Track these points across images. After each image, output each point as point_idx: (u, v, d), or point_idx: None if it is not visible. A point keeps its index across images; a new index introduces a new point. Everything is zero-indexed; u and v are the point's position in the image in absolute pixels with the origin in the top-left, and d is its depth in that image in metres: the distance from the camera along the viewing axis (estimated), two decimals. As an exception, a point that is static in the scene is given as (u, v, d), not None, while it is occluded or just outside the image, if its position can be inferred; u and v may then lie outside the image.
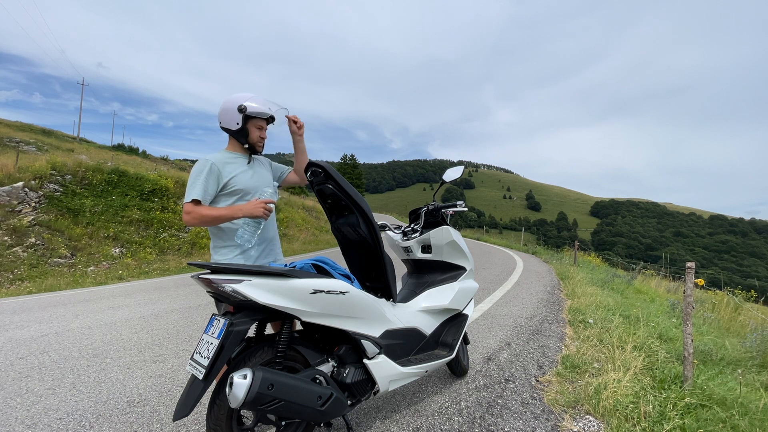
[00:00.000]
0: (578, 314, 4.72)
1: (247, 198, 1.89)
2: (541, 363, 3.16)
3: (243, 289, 1.44)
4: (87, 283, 7.07)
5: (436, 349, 2.33)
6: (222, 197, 1.86)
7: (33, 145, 19.16)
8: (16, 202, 9.41)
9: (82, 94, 36.46)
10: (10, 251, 8.06)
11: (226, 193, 1.86)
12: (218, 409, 1.50)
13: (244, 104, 1.84)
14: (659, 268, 12.07)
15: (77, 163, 12.04)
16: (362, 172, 49.51)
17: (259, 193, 1.90)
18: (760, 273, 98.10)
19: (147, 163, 22.48)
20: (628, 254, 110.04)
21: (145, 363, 3.00)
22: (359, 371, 1.80)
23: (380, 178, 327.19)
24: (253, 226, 1.84)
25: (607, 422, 2.23)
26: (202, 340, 1.52)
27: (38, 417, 2.19)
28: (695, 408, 2.29)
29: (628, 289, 7.60)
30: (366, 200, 1.92)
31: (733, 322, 5.72)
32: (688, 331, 2.66)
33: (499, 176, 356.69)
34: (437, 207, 2.49)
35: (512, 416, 2.30)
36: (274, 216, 2.03)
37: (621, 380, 2.57)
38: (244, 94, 1.87)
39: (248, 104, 1.85)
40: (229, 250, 1.87)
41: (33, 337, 3.60)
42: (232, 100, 1.86)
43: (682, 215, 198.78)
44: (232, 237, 1.87)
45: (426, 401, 2.44)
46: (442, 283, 2.45)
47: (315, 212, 22.72)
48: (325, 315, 1.66)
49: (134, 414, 2.22)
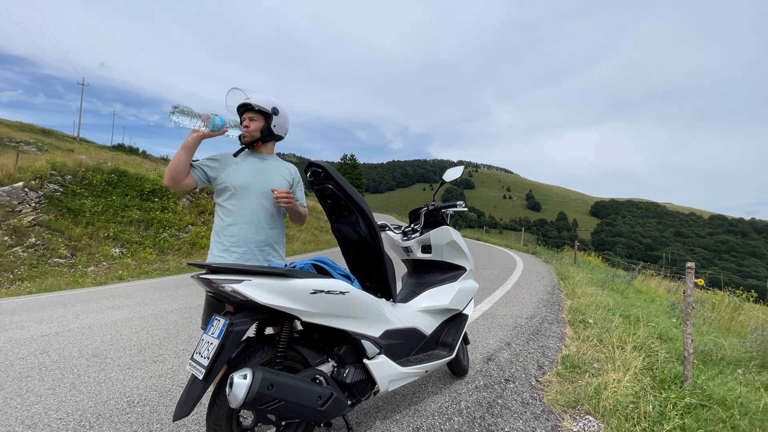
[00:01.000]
0: (578, 314, 4.72)
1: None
2: (541, 363, 3.16)
3: (243, 289, 1.44)
4: (87, 283, 7.07)
5: (436, 349, 2.33)
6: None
7: (33, 145, 19.17)
8: (16, 202, 9.41)
9: (82, 94, 36.47)
10: (10, 251, 8.06)
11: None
12: (218, 409, 1.50)
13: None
14: (659, 268, 12.07)
15: (77, 163, 12.04)
16: (362, 172, 49.50)
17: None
18: (760, 273, 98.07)
19: (147, 163, 22.48)
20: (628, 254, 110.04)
21: (145, 363, 3.00)
22: (359, 371, 1.80)
23: (380, 178, 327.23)
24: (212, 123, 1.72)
25: (607, 422, 2.23)
26: (202, 340, 1.52)
27: (38, 417, 2.18)
28: (695, 408, 2.29)
29: (628, 289, 7.60)
30: (366, 200, 1.92)
31: (733, 322, 5.72)
32: (688, 331, 2.66)
33: (499, 176, 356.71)
34: (437, 207, 2.49)
35: (512, 416, 2.30)
36: (263, 217, 1.92)
37: (621, 380, 2.57)
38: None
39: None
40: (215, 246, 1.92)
41: (33, 337, 3.60)
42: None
43: (682, 215, 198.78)
44: (219, 234, 1.90)
45: (426, 401, 2.44)
46: (442, 283, 2.45)
47: (315, 212, 22.70)
48: (325, 315, 1.66)
49: (134, 414, 2.22)
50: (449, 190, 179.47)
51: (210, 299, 1.81)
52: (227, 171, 1.89)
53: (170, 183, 1.79)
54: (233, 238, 1.87)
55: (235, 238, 1.87)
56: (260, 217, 1.91)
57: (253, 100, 1.88)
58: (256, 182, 1.92)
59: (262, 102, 1.89)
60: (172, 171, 1.76)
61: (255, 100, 1.88)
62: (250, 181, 1.90)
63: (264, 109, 1.89)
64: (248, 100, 1.88)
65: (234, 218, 1.88)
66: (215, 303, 1.79)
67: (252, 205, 1.90)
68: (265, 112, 1.90)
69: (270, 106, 1.91)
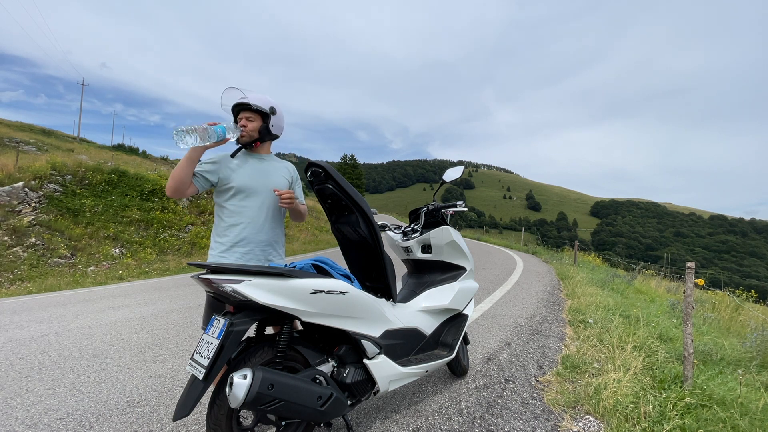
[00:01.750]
0: (578, 314, 4.72)
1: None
2: (541, 363, 3.16)
3: (243, 289, 1.44)
4: (87, 283, 7.07)
5: (436, 349, 2.33)
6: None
7: (33, 145, 19.17)
8: (16, 202, 9.41)
9: (82, 95, 36.49)
10: (10, 251, 8.06)
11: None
12: (218, 409, 1.50)
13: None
14: (659, 268, 12.08)
15: (77, 163, 12.03)
16: (362, 172, 49.51)
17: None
18: (760, 273, 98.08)
19: (147, 163, 22.46)
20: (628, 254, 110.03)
21: (145, 363, 3.00)
22: (359, 371, 1.80)
23: (380, 178, 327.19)
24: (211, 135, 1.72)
25: (607, 422, 2.23)
26: (202, 340, 1.52)
27: (38, 417, 2.18)
28: (695, 408, 2.29)
29: (628, 289, 7.60)
30: (366, 200, 1.92)
31: (733, 322, 5.72)
32: (688, 331, 2.66)
33: (499, 176, 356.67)
34: (437, 207, 2.49)
35: (512, 416, 2.30)
36: (264, 216, 1.92)
37: (621, 380, 2.57)
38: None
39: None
40: (215, 244, 1.91)
41: (33, 337, 3.60)
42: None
43: (682, 215, 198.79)
44: (219, 233, 1.90)
45: (426, 401, 2.44)
46: (442, 283, 2.45)
47: (315, 212, 22.71)
48: (325, 315, 1.66)
49: (134, 414, 2.22)
50: (449, 190, 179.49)
51: (210, 299, 1.81)
52: (227, 172, 1.87)
53: (173, 194, 1.77)
54: (235, 238, 1.86)
55: (237, 238, 1.86)
56: (262, 217, 1.91)
57: (251, 99, 1.86)
58: (258, 183, 1.91)
59: (260, 102, 1.87)
60: (176, 183, 1.73)
61: (253, 99, 1.86)
62: (252, 181, 1.89)
63: (262, 108, 1.87)
64: (246, 100, 1.86)
65: (236, 218, 1.87)
66: (215, 303, 1.79)
67: (254, 206, 1.89)
68: (263, 111, 1.88)
69: (267, 105, 1.89)
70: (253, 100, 1.86)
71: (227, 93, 1.87)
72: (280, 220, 2.02)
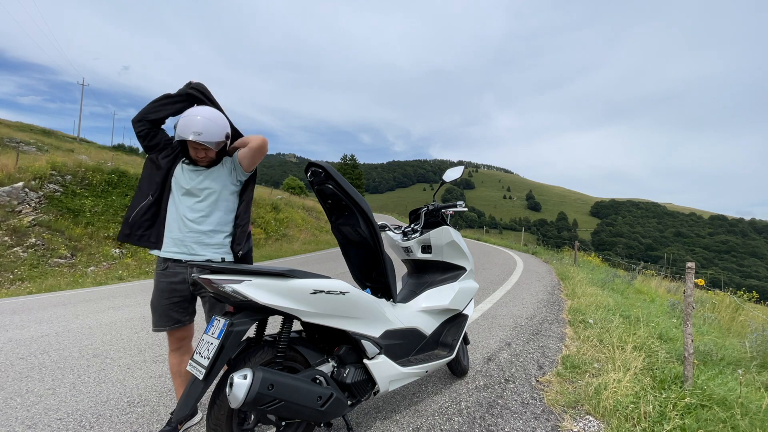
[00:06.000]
0: (578, 314, 4.71)
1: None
2: (542, 363, 3.15)
3: (243, 290, 1.44)
4: (87, 284, 7.07)
5: (436, 350, 2.33)
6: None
7: (33, 145, 19.16)
8: (16, 202, 9.41)
9: (82, 95, 36.50)
10: (11, 251, 8.06)
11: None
12: (218, 409, 1.50)
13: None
14: (659, 268, 12.07)
15: (77, 164, 12.03)
16: (362, 172, 49.51)
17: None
18: (761, 273, 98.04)
19: (147, 164, 22.39)
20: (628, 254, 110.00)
21: (145, 363, 3.00)
22: (359, 371, 1.80)
23: (380, 179, 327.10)
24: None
25: (607, 422, 2.23)
26: (202, 340, 1.52)
27: (38, 417, 2.18)
28: (695, 408, 2.29)
29: (628, 289, 7.59)
30: (366, 200, 1.92)
31: (733, 323, 5.72)
32: (688, 331, 2.66)
33: (499, 176, 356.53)
34: (437, 207, 2.49)
35: (512, 416, 2.30)
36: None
37: (621, 380, 2.57)
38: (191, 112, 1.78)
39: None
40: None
41: (33, 338, 3.60)
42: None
43: (682, 215, 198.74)
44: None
45: (426, 401, 2.44)
46: (442, 283, 2.45)
47: (315, 212, 22.70)
48: (326, 315, 1.66)
49: (134, 414, 2.22)
50: (449, 190, 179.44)
51: (210, 299, 1.81)
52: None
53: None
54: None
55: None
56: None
57: (208, 137, 1.73)
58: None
59: (217, 135, 1.76)
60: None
61: (208, 137, 1.73)
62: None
63: (221, 143, 1.80)
64: (201, 139, 1.71)
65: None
66: (215, 303, 1.79)
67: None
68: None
69: (224, 133, 1.80)
70: (209, 137, 1.73)
71: (184, 121, 1.73)
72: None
